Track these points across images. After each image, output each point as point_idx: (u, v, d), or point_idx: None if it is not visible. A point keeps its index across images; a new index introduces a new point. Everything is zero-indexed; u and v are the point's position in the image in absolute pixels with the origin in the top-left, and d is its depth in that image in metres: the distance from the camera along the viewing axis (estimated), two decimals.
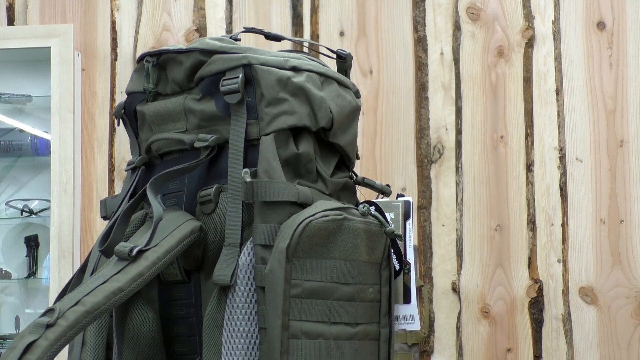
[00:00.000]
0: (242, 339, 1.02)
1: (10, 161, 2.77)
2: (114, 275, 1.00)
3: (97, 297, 0.98)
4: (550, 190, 2.45)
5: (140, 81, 1.17)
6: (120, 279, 1.00)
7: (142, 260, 1.01)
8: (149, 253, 1.02)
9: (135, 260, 1.01)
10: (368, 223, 1.07)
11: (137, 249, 1.01)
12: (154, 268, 1.02)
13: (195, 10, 2.67)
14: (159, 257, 1.02)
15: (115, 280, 0.99)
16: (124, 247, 1.02)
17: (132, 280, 1.00)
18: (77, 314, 0.96)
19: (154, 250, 1.02)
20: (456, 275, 2.47)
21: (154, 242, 1.03)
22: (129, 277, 1.00)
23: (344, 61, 1.21)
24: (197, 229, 1.06)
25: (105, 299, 0.98)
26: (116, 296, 0.99)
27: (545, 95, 2.48)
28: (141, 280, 1.00)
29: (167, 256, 1.03)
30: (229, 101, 1.06)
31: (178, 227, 1.05)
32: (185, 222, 1.06)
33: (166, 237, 1.04)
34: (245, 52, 1.08)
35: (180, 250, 1.04)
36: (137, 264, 1.01)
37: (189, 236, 1.05)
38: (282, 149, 1.07)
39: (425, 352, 2.47)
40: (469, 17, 2.54)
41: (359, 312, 1.06)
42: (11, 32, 2.67)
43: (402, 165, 2.52)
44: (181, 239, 1.04)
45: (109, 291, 0.98)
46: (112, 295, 0.98)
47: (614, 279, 2.39)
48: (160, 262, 1.02)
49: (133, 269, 1.00)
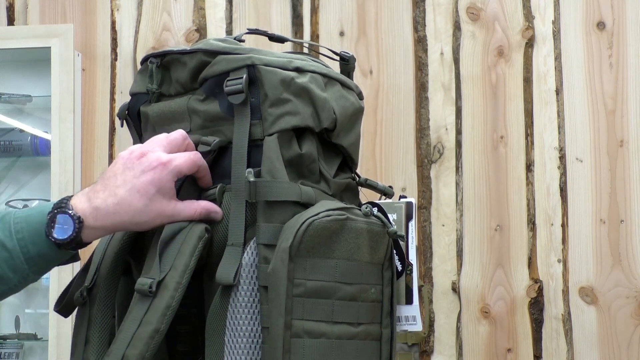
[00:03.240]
0: (245, 338, 1.02)
1: (10, 161, 2.77)
2: (144, 316, 1.01)
3: (137, 348, 0.99)
4: (550, 190, 2.45)
5: (144, 82, 1.17)
6: (152, 319, 1.00)
7: (164, 291, 1.01)
8: (168, 280, 1.01)
9: (157, 293, 1.01)
10: (370, 223, 1.07)
11: (155, 282, 1.01)
12: (177, 295, 1.01)
13: (195, 10, 2.68)
14: (178, 282, 1.01)
15: (148, 322, 1.00)
16: (143, 285, 1.02)
17: (163, 315, 1.00)
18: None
19: (171, 276, 1.02)
20: (456, 275, 2.47)
21: (168, 265, 1.03)
22: (159, 315, 1.00)
23: (347, 63, 1.22)
24: (203, 233, 1.05)
25: (145, 346, 0.99)
26: (154, 339, 1.00)
27: (545, 95, 2.48)
28: (170, 312, 1.01)
29: (185, 277, 1.02)
30: (233, 102, 1.07)
31: (185, 240, 1.04)
32: (190, 230, 1.05)
33: (177, 255, 1.03)
34: (249, 53, 1.08)
35: (195, 262, 1.04)
36: (160, 296, 1.01)
37: (198, 244, 1.04)
38: (285, 149, 1.07)
39: (425, 352, 2.48)
40: (469, 17, 2.54)
41: (361, 312, 1.06)
42: (11, 32, 2.67)
43: (402, 165, 2.53)
44: (192, 252, 1.03)
45: (147, 337, 0.99)
46: (150, 340, 0.99)
47: (614, 279, 2.40)
48: (181, 286, 1.02)
49: (160, 304, 1.01)
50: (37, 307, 2.75)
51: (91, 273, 1.12)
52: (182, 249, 1.03)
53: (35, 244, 1.04)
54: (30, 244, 1.04)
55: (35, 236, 1.04)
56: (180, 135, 1.08)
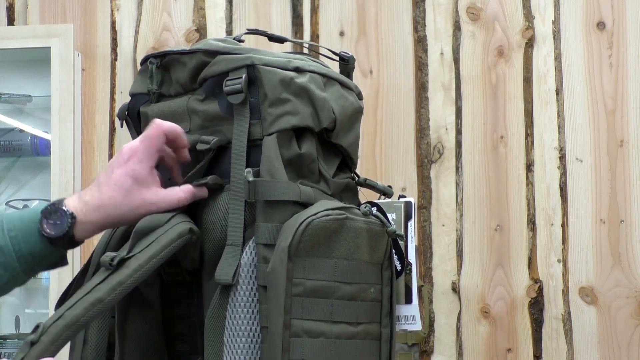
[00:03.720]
0: (244, 337, 1.02)
1: (10, 161, 2.77)
2: (96, 285, 1.00)
3: (76, 309, 0.98)
4: (550, 190, 2.45)
5: (144, 82, 1.17)
6: (101, 289, 0.99)
7: (124, 269, 1.01)
8: (131, 261, 1.01)
9: (117, 269, 1.01)
10: (370, 223, 1.07)
11: (119, 257, 1.01)
12: (135, 276, 1.01)
13: (195, 10, 2.68)
14: (140, 265, 1.01)
15: (96, 290, 0.99)
16: (107, 257, 1.02)
17: (112, 289, 0.99)
18: (58, 328, 0.97)
19: (136, 258, 1.01)
20: (456, 275, 2.47)
21: (138, 249, 1.03)
22: (109, 287, 0.99)
23: (347, 63, 1.22)
24: (185, 232, 1.05)
25: (84, 310, 0.98)
26: (95, 307, 0.99)
27: (545, 95, 2.48)
28: (121, 288, 1.00)
29: (150, 263, 1.02)
30: (232, 101, 1.07)
31: (166, 232, 1.05)
32: (175, 225, 1.06)
33: (151, 243, 1.03)
34: (249, 53, 1.09)
35: (167, 256, 1.03)
36: (119, 272, 1.00)
37: (176, 240, 1.04)
38: (284, 149, 1.07)
39: (425, 352, 2.48)
40: (469, 17, 2.54)
41: (361, 311, 1.06)
42: (11, 32, 2.67)
43: (402, 165, 2.53)
44: (166, 245, 1.03)
45: (88, 302, 0.98)
46: (91, 306, 0.98)
47: (614, 279, 2.40)
48: (142, 269, 1.01)
49: (114, 278, 1.00)
50: (37, 307, 2.75)
51: (90, 273, 1.12)
52: (159, 239, 1.04)
53: (28, 242, 1.05)
54: (22, 241, 1.05)
55: (28, 234, 1.06)
56: (156, 128, 1.08)
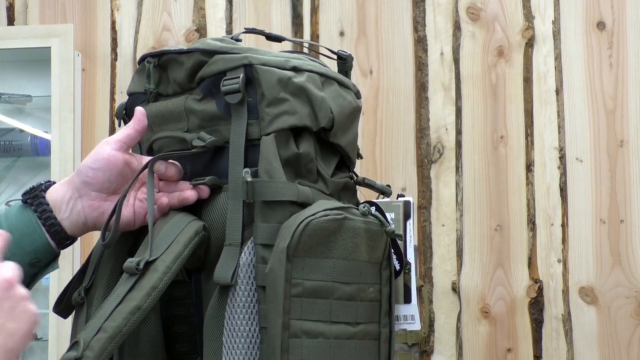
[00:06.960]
0: (243, 338, 1.02)
1: (10, 161, 2.77)
2: (128, 293, 0.99)
3: (116, 320, 0.97)
4: (550, 190, 2.45)
5: (142, 82, 1.16)
6: (136, 296, 0.99)
7: (153, 273, 1.00)
8: (158, 263, 1.01)
9: (145, 274, 1.01)
10: (368, 223, 1.07)
11: (144, 261, 1.01)
12: (165, 278, 1.01)
13: (195, 10, 2.68)
14: (168, 266, 1.01)
15: (131, 299, 0.99)
16: (131, 263, 1.01)
17: (147, 295, 0.99)
18: (101, 341, 0.96)
19: (162, 260, 1.01)
20: (456, 275, 2.47)
21: (160, 251, 1.03)
22: (144, 293, 0.99)
23: (345, 62, 1.21)
24: (200, 229, 1.05)
25: (124, 320, 0.98)
26: (134, 315, 0.98)
27: (545, 95, 2.48)
28: (156, 293, 1.00)
29: (176, 263, 1.02)
30: (230, 101, 1.06)
31: (182, 231, 1.05)
32: (188, 223, 1.06)
33: (172, 243, 1.03)
34: (246, 52, 1.08)
35: (189, 254, 1.04)
36: (148, 277, 1.00)
37: (194, 238, 1.05)
38: (282, 148, 1.07)
39: (425, 352, 2.47)
40: (469, 17, 2.54)
41: (360, 311, 1.06)
42: (11, 32, 2.67)
43: (402, 165, 2.53)
44: (187, 243, 1.04)
45: (127, 312, 0.98)
46: (130, 315, 0.98)
47: (614, 279, 2.39)
48: (171, 270, 1.01)
49: (146, 284, 1.00)
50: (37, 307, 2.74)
51: (89, 273, 1.12)
52: (178, 239, 1.04)
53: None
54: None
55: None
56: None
